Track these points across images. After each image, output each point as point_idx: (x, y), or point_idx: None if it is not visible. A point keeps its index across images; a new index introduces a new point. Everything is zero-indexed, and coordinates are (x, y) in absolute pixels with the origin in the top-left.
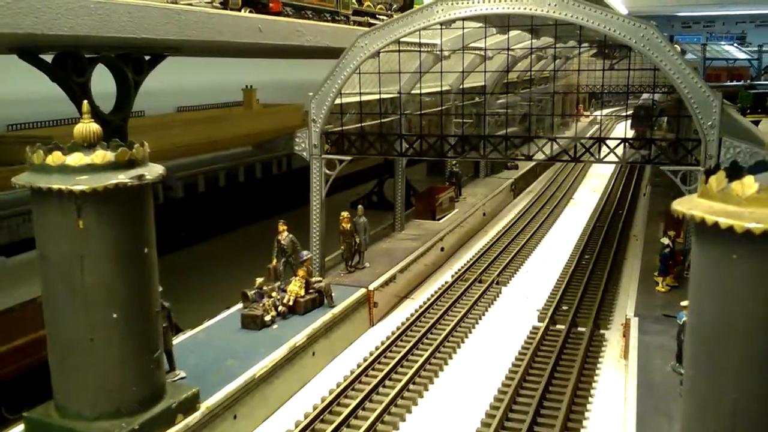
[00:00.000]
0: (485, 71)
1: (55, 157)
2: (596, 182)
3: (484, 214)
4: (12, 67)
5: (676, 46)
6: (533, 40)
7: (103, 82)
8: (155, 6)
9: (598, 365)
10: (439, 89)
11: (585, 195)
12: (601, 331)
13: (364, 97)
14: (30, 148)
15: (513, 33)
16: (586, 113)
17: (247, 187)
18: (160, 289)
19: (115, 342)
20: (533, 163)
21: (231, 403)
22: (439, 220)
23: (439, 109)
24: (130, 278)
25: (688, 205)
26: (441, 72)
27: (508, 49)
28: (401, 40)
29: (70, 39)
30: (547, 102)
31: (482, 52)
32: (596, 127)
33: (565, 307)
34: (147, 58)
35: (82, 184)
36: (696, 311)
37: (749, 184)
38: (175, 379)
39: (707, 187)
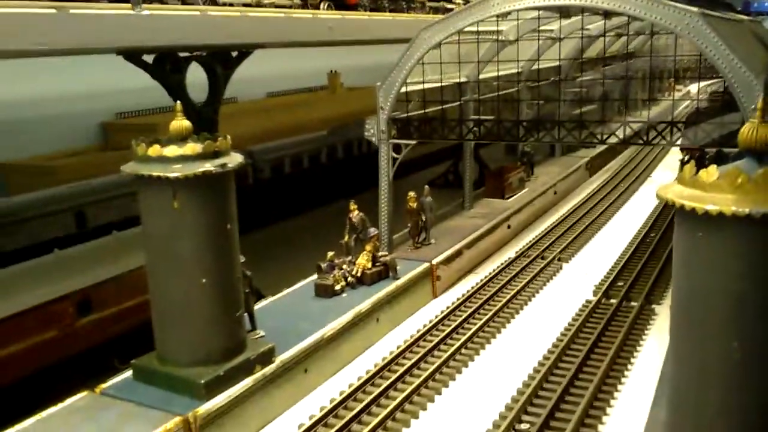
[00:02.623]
0: (558, 57)
1: (155, 150)
2: (676, 160)
3: (555, 193)
4: (118, 61)
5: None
6: (605, 22)
7: (198, 75)
8: (238, 15)
9: (644, 336)
10: (507, 73)
11: (662, 174)
12: (652, 306)
13: (430, 85)
14: (135, 142)
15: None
16: (679, 88)
17: (328, 168)
18: (243, 259)
19: (204, 303)
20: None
21: (302, 358)
22: (508, 199)
23: (501, 93)
24: (216, 249)
25: (664, 190)
26: (497, 60)
27: (580, 33)
28: (466, 29)
29: (167, 47)
30: (629, 80)
31: (552, 35)
32: (687, 102)
33: (620, 283)
34: (234, 54)
35: (176, 171)
36: (676, 283)
37: (712, 172)
38: (256, 337)
39: (682, 174)
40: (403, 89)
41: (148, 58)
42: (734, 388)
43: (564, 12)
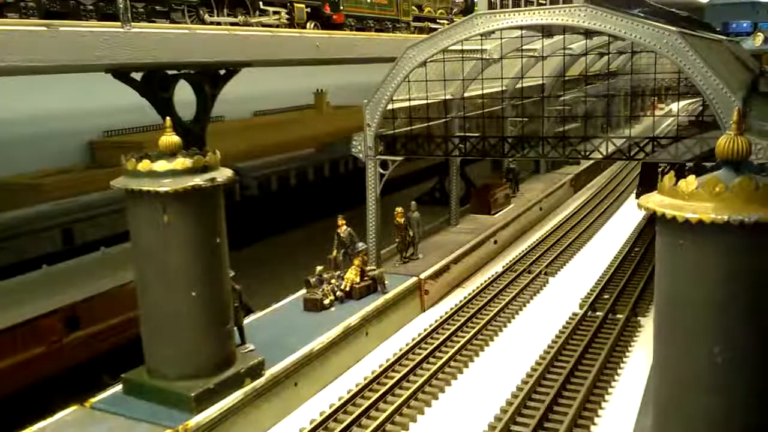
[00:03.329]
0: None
1: (145, 165)
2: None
3: (540, 209)
4: (105, 80)
5: (759, 34)
6: (587, 41)
7: (186, 94)
8: (226, 34)
9: (630, 348)
10: (492, 90)
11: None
12: (638, 318)
13: (416, 102)
14: (124, 157)
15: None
16: (661, 106)
17: (315, 185)
18: (232, 273)
19: (194, 316)
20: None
21: (292, 372)
22: (494, 214)
23: (486, 111)
24: (205, 263)
25: (645, 200)
26: (482, 78)
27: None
28: (451, 48)
29: (156, 64)
30: (612, 98)
31: (535, 54)
32: (671, 119)
33: (606, 296)
34: (222, 72)
35: (166, 186)
36: (658, 290)
37: (691, 182)
38: (245, 350)
39: (662, 184)
40: (390, 106)
41: (137, 76)
42: (716, 391)
43: (546, 31)
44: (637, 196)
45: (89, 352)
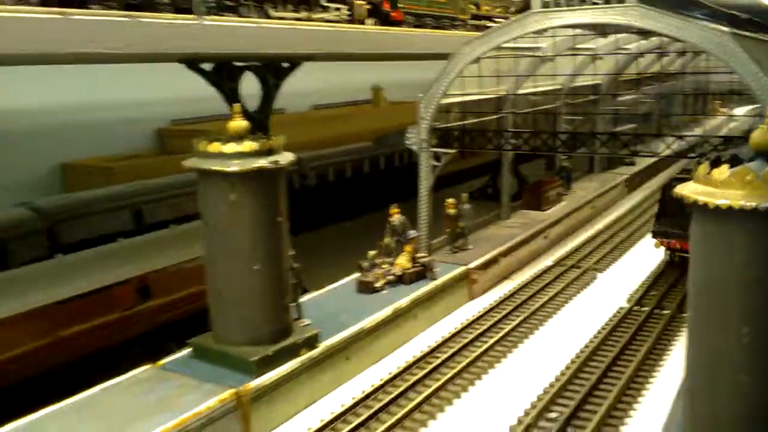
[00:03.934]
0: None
1: (215, 146)
2: None
3: (592, 208)
4: (173, 71)
5: None
6: (643, 41)
7: (249, 87)
8: (290, 28)
9: (673, 341)
10: (548, 89)
11: None
12: (683, 314)
13: (471, 97)
14: (196, 140)
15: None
16: (722, 110)
17: (370, 177)
18: (292, 252)
19: (256, 288)
20: (653, 160)
21: (344, 347)
22: (545, 211)
23: (539, 108)
24: (268, 239)
25: (681, 189)
26: (536, 75)
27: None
28: (505, 45)
29: (225, 55)
30: (672, 98)
31: (590, 53)
32: (732, 123)
33: (654, 292)
34: (285, 65)
35: (234, 166)
36: (691, 273)
37: (723, 171)
38: (302, 324)
39: (697, 173)
40: (445, 101)
41: (207, 67)
42: (745, 370)
43: (600, 30)
44: (654, 235)
45: (158, 321)
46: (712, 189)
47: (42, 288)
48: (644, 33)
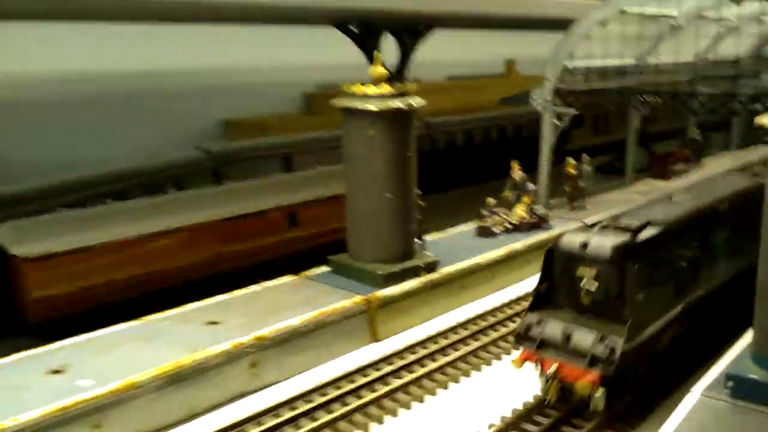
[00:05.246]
0: None
1: (359, 88)
2: None
3: None
4: (320, 41)
5: None
6: None
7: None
8: None
9: None
10: (677, 62)
11: None
12: None
13: (594, 63)
14: (346, 85)
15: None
16: None
17: (497, 144)
18: (420, 192)
19: (387, 214)
20: None
21: (460, 276)
22: (669, 181)
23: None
24: (398, 172)
25: (760, 119)
26: (664, 44)
27: None
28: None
29: (366, 13)
30: None
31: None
32: None
33: None
34: (420, 29)
35: (373, 105)
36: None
37: None
38: (424, 252)
39: None
40: (571, 65)
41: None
42: None
43: None
44: (519, 341)
45: (302, 246)
46: None
47: (211, 207)
48: None
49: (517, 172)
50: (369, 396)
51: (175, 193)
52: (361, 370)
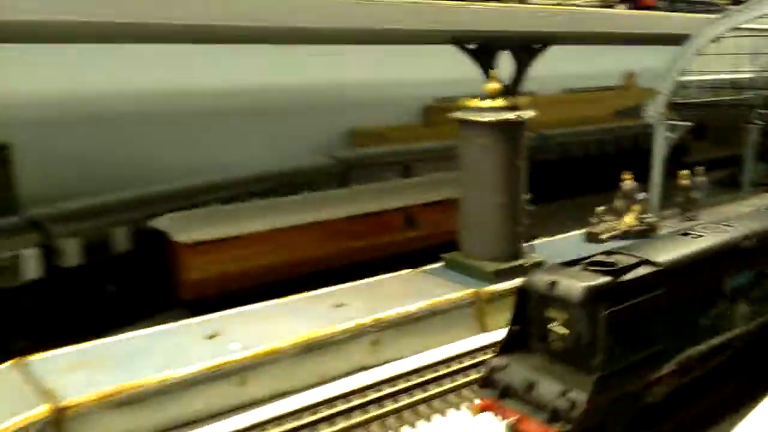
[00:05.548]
0: None
1: (474, 102)
2: None
3: None
4: (439, 57)
5: None
6: None
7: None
8: (544, 8)
9: None
10: None
11: None
12: None
13: (709, 77)
14: (462, 100)
15: None
16: None
17: (610, 156)
18: (529, 197)
19: (498, 216)
20: None
21: None
22: None
23: None
24: (509, 178)
25: None
26: None
27: None
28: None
29: (485, 33)
30: None
31: None
32: None
33: None
34: (536, 47)
35: (487, 117)
36: None
37: None
38: (531, 253)
39: None
40: (685, 79)
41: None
42: None
43: None
44: (484, 385)
45: (417, 245)
46: None
47: (338, 206)
48: None
49: (627, 182)
50: (474, 376)
51: (308, 193)
52: (470, 353)
